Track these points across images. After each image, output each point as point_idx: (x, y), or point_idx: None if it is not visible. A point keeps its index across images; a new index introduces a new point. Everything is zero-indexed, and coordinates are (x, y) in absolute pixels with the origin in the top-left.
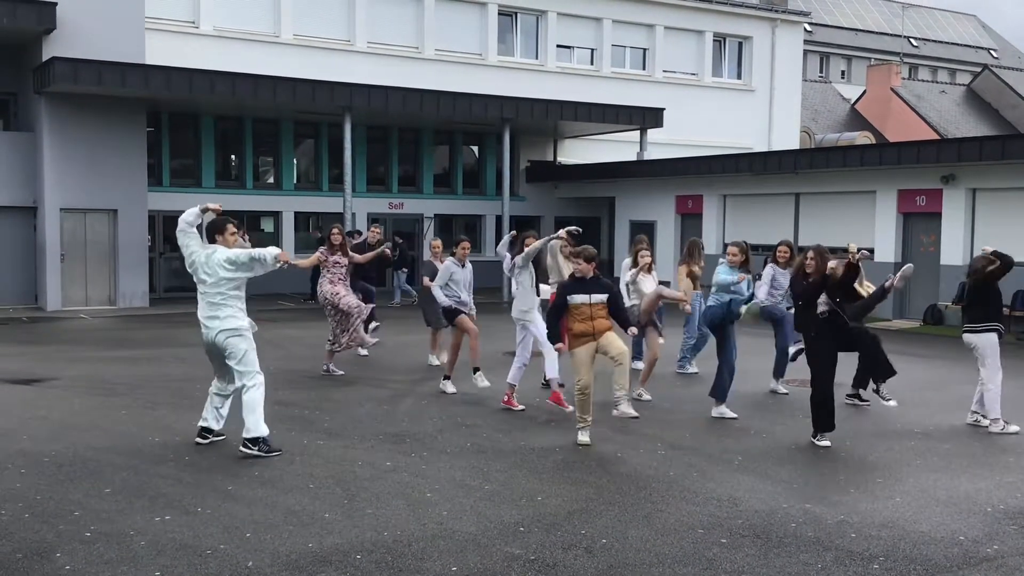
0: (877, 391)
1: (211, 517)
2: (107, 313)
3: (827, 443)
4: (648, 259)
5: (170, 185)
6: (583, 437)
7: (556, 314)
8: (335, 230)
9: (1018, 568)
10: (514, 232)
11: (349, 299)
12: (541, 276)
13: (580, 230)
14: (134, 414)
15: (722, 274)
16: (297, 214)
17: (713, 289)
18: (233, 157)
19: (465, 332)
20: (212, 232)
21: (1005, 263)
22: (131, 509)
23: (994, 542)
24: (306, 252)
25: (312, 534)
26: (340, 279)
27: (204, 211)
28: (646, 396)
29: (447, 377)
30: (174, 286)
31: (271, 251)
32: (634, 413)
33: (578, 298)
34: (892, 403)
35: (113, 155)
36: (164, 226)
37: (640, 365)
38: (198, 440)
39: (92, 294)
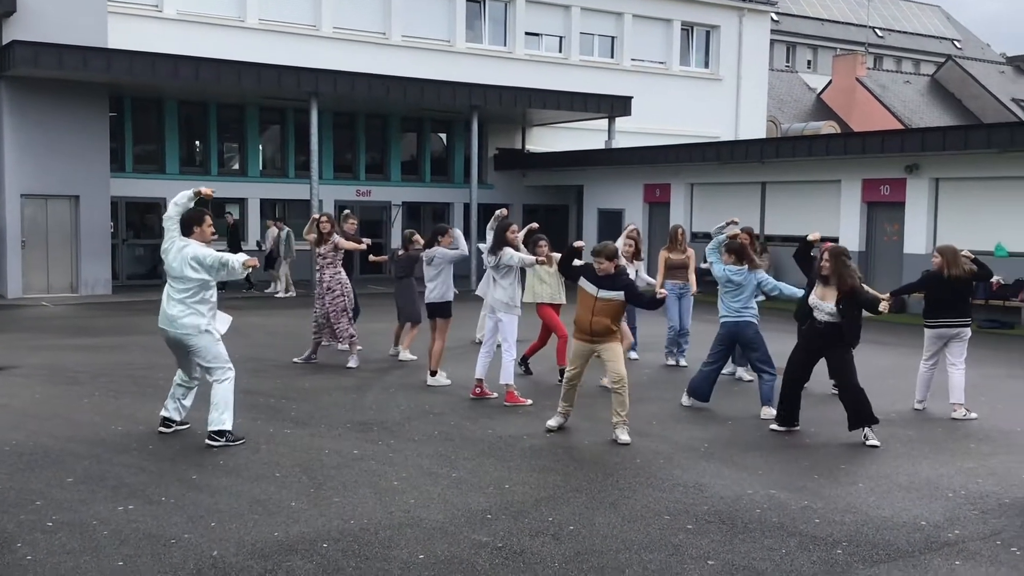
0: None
1: (175, 506)
2: (69, 301)
3: (774, 425)
4: (631, 248)
5: (133, 171)
6: (552, 422)
7: (567, 259)
8: (324, 218)
9: (979, 552)
10: (502, 211)
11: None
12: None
13: (537, 225)
14: (96, 403)
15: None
16: (263, 201)
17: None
18: (197, 143)
19: (439, 334)
20: (189, 224)
21: (986, 273)
22: (93, 498)
23: (955, 527)
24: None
25: (278, 523)
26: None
27: (197, 195)
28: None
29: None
30: (137, 273)
31: (239, 258)
32: (627, 440)
33: (587, 286)
34: (874, 443)
35: (75, 140)
36: (127, 212)
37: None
38: (161, 430)
39: (54, 281)
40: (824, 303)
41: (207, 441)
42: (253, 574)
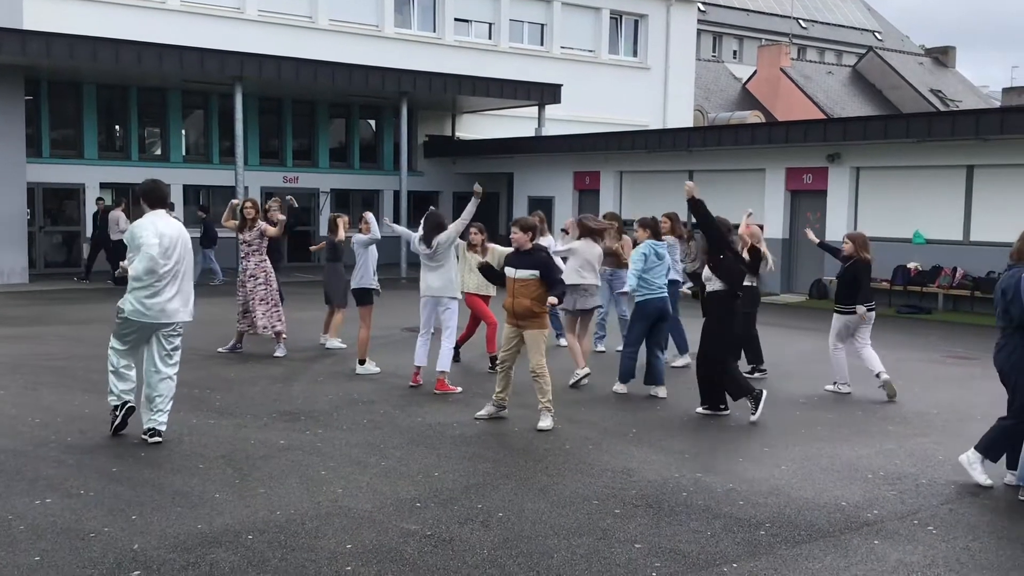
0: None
1: (95, 499)
2: None
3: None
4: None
5: (50, 156)
6: (483, 411)
7: (487, 271)
8: (248, 204)
9: (897, 532)
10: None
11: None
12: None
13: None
14: (13, 394)
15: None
16: (186, 187)
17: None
18: (118, 127)
19: (363, 322)
20: (164, 199)
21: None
22: (9, 492)
23: (874, 507)
24: (194, 228)
25: (201, 515)
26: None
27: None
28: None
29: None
30: (55, 261)
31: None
32: (546, 426)
33: (507, 269)
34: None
35: None
36: (44, 199)
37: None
38: (156, 440)
39: None
40: (707, 272)
41: (151, 439)
42: (175, 567)
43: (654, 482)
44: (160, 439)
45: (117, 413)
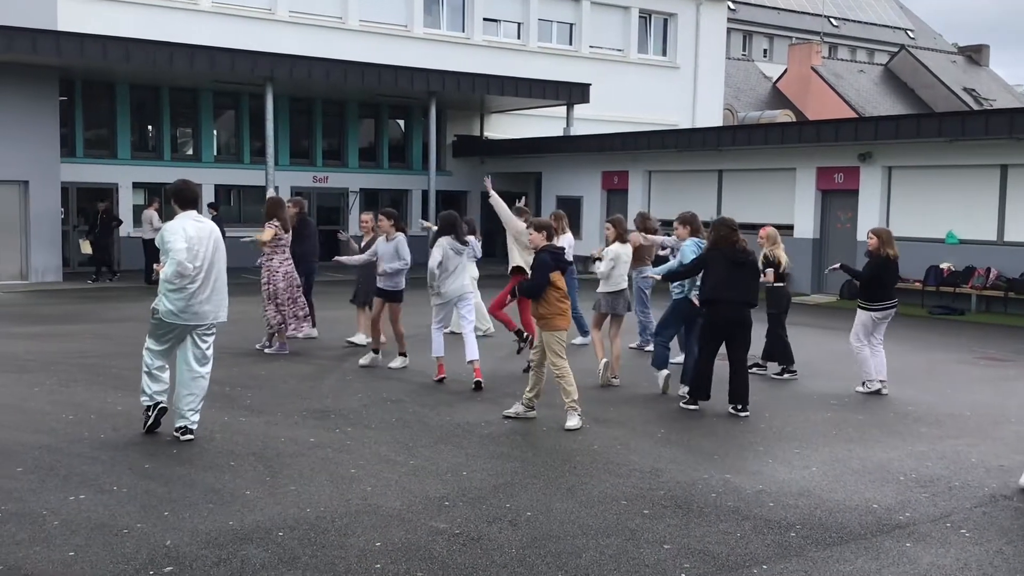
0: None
1: (128, 496)
2: (19, 288)
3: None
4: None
5: (84, 156)
6: (510, 410)
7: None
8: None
9: (929, 534)
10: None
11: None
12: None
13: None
14: (47, 391)
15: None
16: (218, 187)
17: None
18: (150, 128)
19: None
20: (194, 199)
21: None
22: (44, 488)
23: (906, 510)
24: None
25: (233, 511)
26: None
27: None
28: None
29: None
30: (88, 260)
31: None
32: (573, 425)
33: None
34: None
35: (24, 124)
36: (78, 198)
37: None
38: (188, 437)
39: (3, 268)
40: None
41: (183, 437)
42: (207, 563)
43: (683, 483)
44: (192, 436)
45: (149, 413)
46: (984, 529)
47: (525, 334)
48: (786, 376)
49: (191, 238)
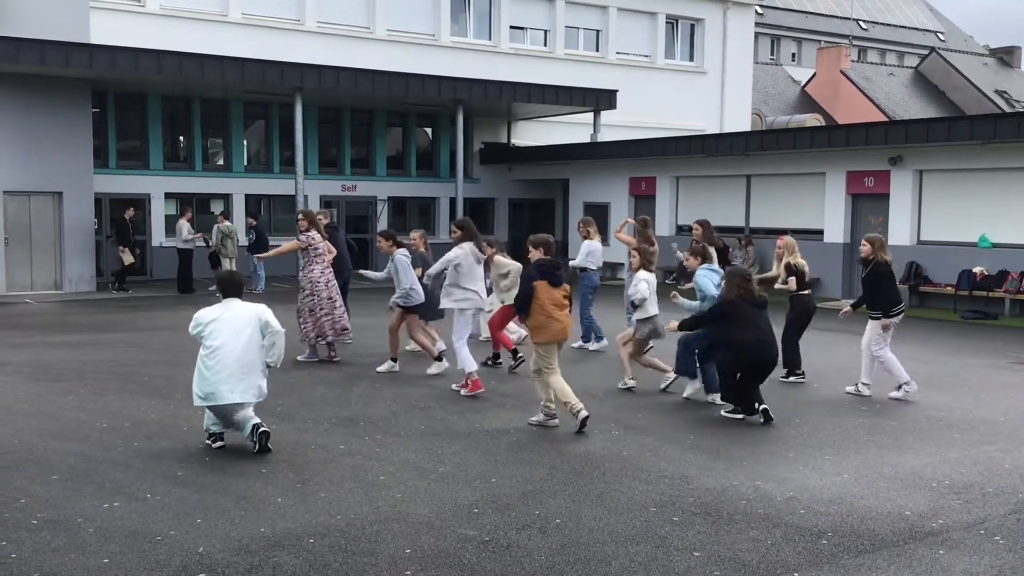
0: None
1: (161, 503)
2: (53, 298)
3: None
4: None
5: (117, 167)
6: (533, 417)
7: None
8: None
9: (962, 542)
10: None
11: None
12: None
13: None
14: (81, 400)
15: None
16: (248, 196)
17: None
18: (181, 138)
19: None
20: (238, 288)
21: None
22: (78, 496)
23: (939, 517)
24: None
25: (264, 518)
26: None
27: None
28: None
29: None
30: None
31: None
32: (536, 421)
33: None
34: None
35: (57, 136)
36: (111, 209)
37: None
38: (214, 445)
39: (37, 278)
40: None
41: (218, 444)
42: (239, 570)
43: (713, 489)
44: (223, 443)
45: (253, 438)
46: (1018, 536)
47: (520, 354)
48: (792, 380)
49: (214, 319)
